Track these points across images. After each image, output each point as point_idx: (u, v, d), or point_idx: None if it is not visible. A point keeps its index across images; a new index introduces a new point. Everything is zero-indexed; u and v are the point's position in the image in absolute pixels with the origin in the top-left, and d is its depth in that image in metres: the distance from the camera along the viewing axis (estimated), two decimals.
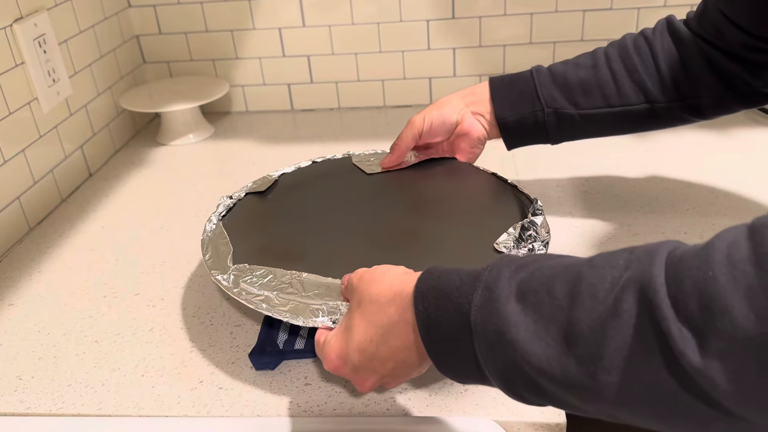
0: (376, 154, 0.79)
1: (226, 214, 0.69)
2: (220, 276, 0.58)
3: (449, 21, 1.07)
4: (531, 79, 0.71)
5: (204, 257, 0.62)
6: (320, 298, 0.54)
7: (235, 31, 1.11)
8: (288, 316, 0.53)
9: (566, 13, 1.06)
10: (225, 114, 1.17)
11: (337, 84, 1.14)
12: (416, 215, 0.66)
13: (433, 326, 0.40)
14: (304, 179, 0.75)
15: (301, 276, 0.57)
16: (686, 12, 1.03)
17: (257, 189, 0.73)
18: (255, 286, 0.57)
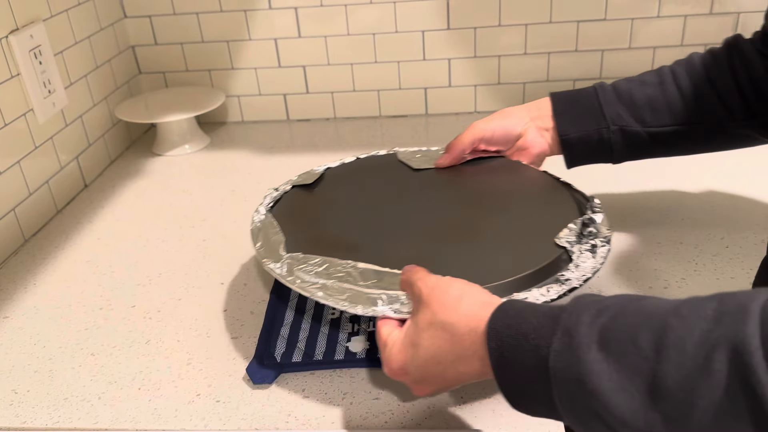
0: (422, 151, 0.79)
1: (274, 205, 0.70)
2: (272, 264, 0.58)
3: (444, 32, 1.08)
4: (595, 96, 0.70)
5: (255, 246, 0.62)
6: (378, 288, 0.54)
7: (231, 41, 1.11)
8: (346, 305, 0.53)
9: (560, 24, 1.06)
10: (221, 124, 1.17)
11: (332, 94, 1.14)
12: (468, 210, 0.66)
13: (508, 366, 0.40)
14: (349, 173, 0.75)
15: (357, 266, 0.57)
16: (680, 22, 1.03)
17: (303, 182, 0.73)
18: (310, 274, 0.56)
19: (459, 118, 1.13)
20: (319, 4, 1.07)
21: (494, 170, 0.73)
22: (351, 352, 0.60)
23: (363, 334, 0.62)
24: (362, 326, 0.63)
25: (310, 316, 0.65)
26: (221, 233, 0.82)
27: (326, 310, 0.65)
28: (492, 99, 1.13)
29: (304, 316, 0.65)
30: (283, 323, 0.64)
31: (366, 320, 0.64)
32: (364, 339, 0.61)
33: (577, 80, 1.10)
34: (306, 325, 0.63)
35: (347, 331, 0.62)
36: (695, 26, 1.05)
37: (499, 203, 0.67)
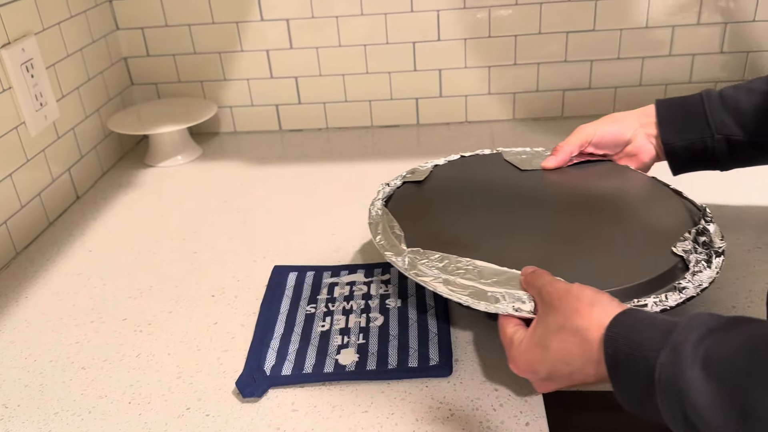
0: (527, 151, 0.81)
1: (388, 200, 0.72)
2: (395, 258, 0.61)
3: (435, 43, 1.09)
4: (700, 104, 0.70)
5: (375, 239, 0.65)
6: (500, 286, 0.56)
7: (223, 53, 1.11)
8: (469, 301, 0.55)
9: (551, 34, 1.07)
10: (213, 135, 1.17)
11: (324, 105, 1.15)
12: (580, 213, 0.67)
13: (621, 372, 0.43)
14: (457, 172, 0.77)
15: (475, 263, 0.59)
16: (667, 34, 1.04)
17: (415, 178, 0.75)
18: (431, 269, 0.59)
19: (450, 128, 1.14)
20: (310, 15, 1.07)
21: (602, 174, 0.74)
22: (340, 365, 0.60)
23: (352, 347, 0.62)
24: (351, 338, 0.63)
25: (300, 328, 0.65)
26: (212, 245, 0.83)
27: (315, 323, 0.66)
28: (482, 109, 1.14)
29: (294, 329, 0.65)
30: (273, 336, 0.64)
31: (356, 332, 0.64)
32: (353, 351, 0.62)
33: (567, 90, 1.11)
34: (296, 338, 0.64)
35: (337, 344, 0.63)
36: (684, 36, 1.06)
37: (610, 208, 0.68)
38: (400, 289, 0.70)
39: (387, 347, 0.62)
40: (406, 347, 0.62)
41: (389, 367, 0.60)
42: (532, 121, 1.14)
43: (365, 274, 0.74)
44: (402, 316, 0.66)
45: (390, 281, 0.72)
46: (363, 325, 0.65)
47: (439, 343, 0.62)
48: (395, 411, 0.56)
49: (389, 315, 0.66)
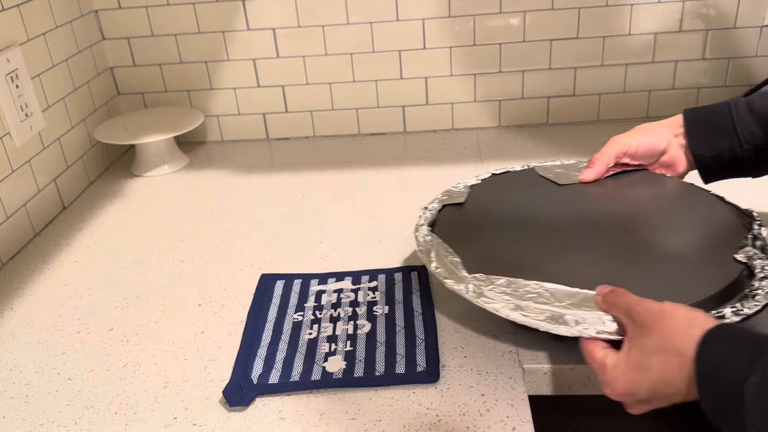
0: (560, 165, 0.80)
1: (433, 225, 0.71)
2: (457, 285, 0.60)
3: (421, 51, 1.09)
4: (728, 114, 0.70)
5: (430, 267, 0.63)
6: (576, 308, 0.55)
7: (210, 62, 1.12)
8: (547, 326, 0.54)
9: (534, 42, 1.08)
10: (200, 144, 1.17)
11: (311, 113, 1.15)
12: (632, 225, 0.67)
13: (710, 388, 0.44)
14: (495, 190, 0.77)
15: (545, 286, 0.57)
16: (650, 41, 1.05)
17: (454, 200, 0.74)
18: (499, 295, 0.57)
19: (437, 135, 1.14)
20: (296, 24, 1.08)
21: (641, 184, 0.74)
22: (328, 373, 0.60)
23: (340, 354, 0.62)
24: (339, 346, 0.64)
25: (287, 336, 0.65)
26: (199, 254, 0.82)
27: (303, 331, 0.66)
28: (468, 116, 1.14)
29: (281, 337, 0.65)
30: (260, 344, 0.64)
31: (343, 339, 0.64)
32: (340, 359, 0.62)
33: (551, 97, 1.12)
34: (283, 346, 0.64)
35: (324, 351, 0.63)
36: (666, 43, 1.07)
37: (659, 218, 0.68)
38: (388, 296, 0.71)
39: (374, 354, 0.62)
40: (394, 354, 0.62)
41: (376, 373, 0.60)
42: (517, 128, 1.15)
43: (353, 281, 0.74)
44: (389, 323, 0.66)
45: (377, 288, 0.72)
46: (350, 333, 0.65)
47: (427, 350, 0.62)
48: (383, 418, 0.56)
49: (376, 322, 0.67)
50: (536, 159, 1.01)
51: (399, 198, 0.93)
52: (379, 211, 0.90)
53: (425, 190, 0.94)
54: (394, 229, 0.85)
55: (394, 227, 0.85)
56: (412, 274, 0.75)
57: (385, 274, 0.75)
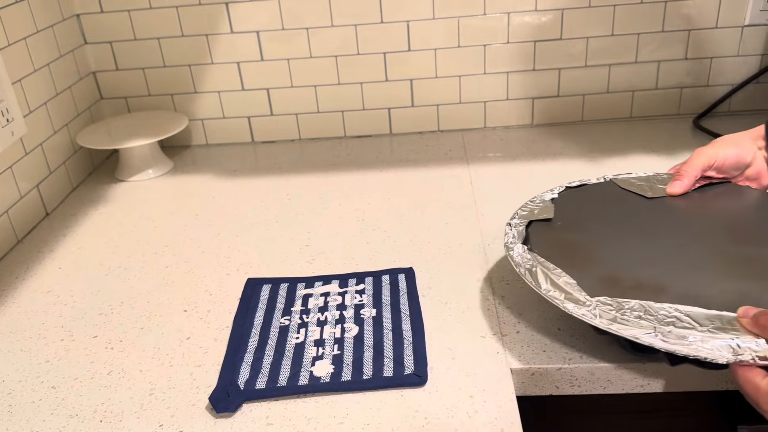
0: (641, 176, 0.78)
1: (526, 242, 0.67)
2: (581, 310, 0.56)
3: (405, 53, 1.09)
4: None
5: (540, 290, 0.60)
6: (725, 332, 0.52)
7: (193, 65, 1.11)
8: (704, 352, 0.51)
9: (518, 44, 1.09)
10: (185, 148, 1.16)
11: (297, 116, 1.15)
12: (739, 238, 0.65)
13: None
14: (578, 204, 0.73)
15: (678, 308, 0.55)
16: (633, 41, 1.05)
17: (541, 216, 0.71)
18: (635, 320, 0.55)
19: (423, 137, 1.14)
20: (280, 27, 1.07)
21: (728, 196, 0.73)
22: (315, 377, 0.60)
23: (327, 358, 0.62)
24: (326, 350, 0.63)
25: (274, 341, 0.65)
26: (184, 259, 0.82)
27: (290, 335, 0.65)
28: (454, 118, 1.15)
29: (268, 342, 0.65)
30: (246, 349, 0.64)
31: (331, 343, 0.64)
32: (328, 363, 0.62)
33: (536, 98, 1.13)
34: (270, 351, 0.63)
35: (312, 356, 0.63)
36: (649, 43, 1.08)
37: (761, 230, 0.66)
38: (375, 298, 0.71)
39: (362, 357, 0.62)
40: (381, 357, 0.62)
41: (364, 377, 0.60)
42: (503, 129, 1.15)
43: (340, 284, 0.74)
44: (377, 326, 0.66)
45: (364, 291, 0.72)
46: (338, 336, 0.65)
47: (414, 352, 0.62)
48: (371, 421, 0.56)
49: (364, 325, 0.66)
50: (524, 160, 1.01)
51: (385, 200, 0.93)
52: (366, 213, 0.90)
53: (411, 192, 0.95)
54: (381, 231, 0.85)
55: (380, 229, 0.85)
56: (399, 276, 0.75)
57: (372, 276, 0.75)
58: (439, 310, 0.69)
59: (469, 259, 0.78)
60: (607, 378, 0.61)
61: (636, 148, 1.02)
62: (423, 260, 0.78)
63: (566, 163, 0.99)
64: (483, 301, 0.70)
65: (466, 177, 0.98)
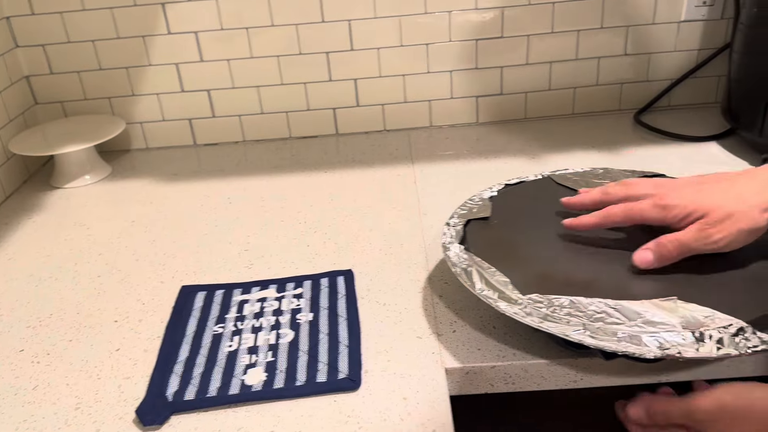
0: (577, 172, 0.78)
1: (463, 242, 0.66)
2: (513, 309, 0.56)
3: (349, 53, 1.08)
4: None
5: (474, 290, 0.59)
6: (653, 326, 0.52)
7: (130, 67, 1.08)
8: (633, 348, 0.51)
9: (461, 42, 1.09)
10: (124, 152, 1.14)
11: (240, 117, 1.13)
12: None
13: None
14: (517, 202, 0.73)
15: (609, 303, 0.55)
16: (573, 38, 1.06)
17: (479, 215, 0.71)
18: (565, 317, 0.54)
19: (369, 137, 1.14)
20: (219, 27, 1.05)
21: None
22: (246, 386, 0.59)
23: (260, 366, 0.61)
24: (260, 357, 0.62)
25: (206, 350, 0.63)
26: (117, 268, 0.80)
27: (223, 343, 0.64)
28: (400, 117, 1.14)
29: (200, 351, 0.63)
30: (177, 360, 0.62)
31: (265, 350, 0.63)
32: (261, 370, 0.60)
33: (480, 96, 1.13)
34: (201, 360, 0.62)
35: (244, 364, 0.61)
36: (587, 39, 1.09)
37: None
38: (313, 302, 0.70)
39: (296, 363, 0.61)
40: (316, 362, 0.61)
41: (297, 383, 0.59)
42: (449, 128, 1.15)
43: (277, 289, 0.72)
44: (313, 330, 0.65)
45: (302, 295, 0.71)
46: (272, 342, 0.64)
47: (350, 356, 0.62)
48: (302, 429, 0.55)
49: (300, 330, 0.65)
50: (469, 158, 1.01)
51: (329, 202, 0.92)
52: (308, 216, 0.89)
53: (355, 193, 0.94)
54: (322, 233, 0.84)
55: (322, 232, 0.84)
56: (338, 278, 0.74)
57: (311, 280, 0.74)
58: (377, 311, 0.69)
59: (410, 260, 0.77)
60: (541, 374, 0.61)
61: (578, 144, 1.03)
62: (364, 262, 0.77)
63: (510, 161, 1.00)
64: (422, 301, 0.70)
65: (410, 176, 0.98)
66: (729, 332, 0.51)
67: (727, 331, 0.51)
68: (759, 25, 0.91)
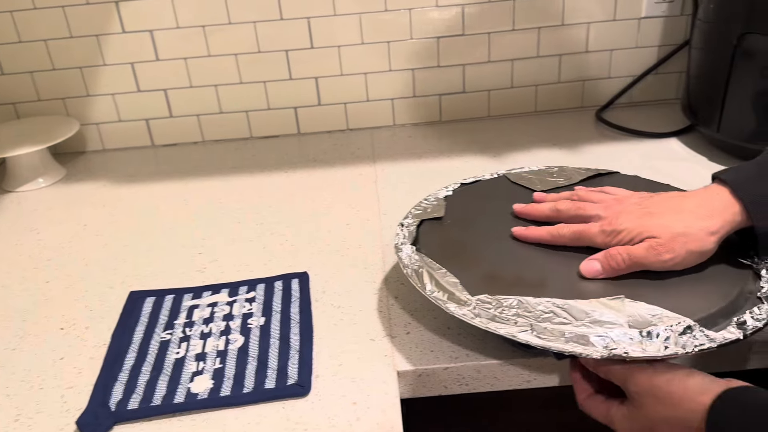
0: (532, 170, 0.78)
1: (415, 243, 0.65)
2: (461, 310, 0.55)
3: (308, 51, 1.07)
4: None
5: (425, 291, 0.59)
6: (600, 326, 0.52)
7: (85, 67, 1.05)
8: (580, 348, 0.50)
9: (421, 40, 1.08)
10: (79, 154, 1.11)
11: (198, 117, 1.11)
12: None
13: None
14: (472, 201, 0.72)
15: (557, 303, 0.54)
16: (534, 36, 1.04)
17: (433, 215, 0.70)
18: (513, 317, 0.54)
19: (332, 136, 1.12)
20: (175, 26, 1.03)
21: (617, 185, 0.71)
22: (192, 394, 0.57)
23: (207, 373, 0.59)
24: (207, 364, 0.60)
25: (153, 357, 0.62)
26: (66, 273, 0.77)
27: (170, 350, 0.62)
28: (363, 116, 1.13)
29: (146, 359, 0.61)
30: (122, 368, 0.60)
31: (213, 357, 0.61)
32: (208, 377, 0.59)
33: (443, 95, 1.12)
34: (147, 368, 0.60)
35: (191, 371, 0.60)
36: (548, 36, 1.09)
37: None
38: (265, 306, 0.68)
39: (245, 370, 0.60)
40: (265, 368, 0.60)
41: (245, 390, 0.57)
42: (412, 126, 1.14)
43: (229, 293, 0.71)
44: (264, 335, 0.64)
45: (255, 299, 0.69)
46: (221, 349, 0.62)
47: (300, 361, 0.60)
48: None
49: (250, 335, 0.64)
50: (431, 157, 1.00)
51: (288, 203, 0.91)
52: (266, 217, 0.87)
53: (315, 193, 0.92)
54: (279, 235, 0.83)
55: (279, 233, 0.83)
56: (293, 281, 0.72)
57: (265, 283, 0.72)
58: (331, 314, 0.67)
59: (366, 261, 0.76)
60: (494, 375, 0.60)
61: (540, 142, 1.03)
62: (320, 264, 0.76)
63: (472, 160, 0.99)
64: (377, 303, 0.69)
65: (371, 176, 0.97)
66: (676, 331, 0.51)
67: (674, 330, 0.51)
68: (716, 21, 0.92)
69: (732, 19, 0.88)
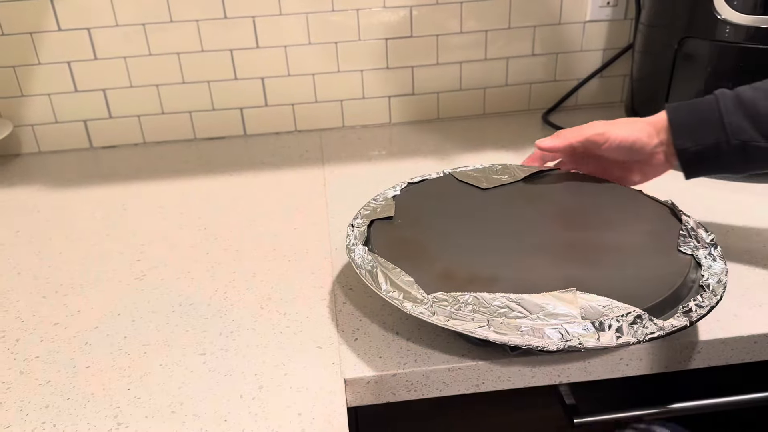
0: (477, 168, 0.78)
1: (367, 243, 0.64)
2: (418, 309, 0.55)
3: (254, 50, 1.05)
4: (716, 106, 0.65)
5: (381, 291, 0.58)
6: (554, 318, 0.52)
7: (18, 66, 1.01)
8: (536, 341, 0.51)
9: (369, 41, 1.07)
10: (14, 157, 1.06)
11: (139, 118, 1.07)
12: (566, 225, 0.66)
13: None
14: (420, 200, 0.72)
15: (511, 297, 0.54)
16: (482, 38, 1.06)
17: (383, 215, 0.69)
18: (468, 313, 0.53)
19: (279, 138, 1.10)
20: (113, 24, 1.00)
21: (563, 184, 0.74)
22: None
23: None
24: None
25: None
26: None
27: None
28: (312, 117, 1.11)
29: None
30: None
31: None
32: None
33: (392, 96, 1.11)
34: None
35: None
36: (495, 39, 1.10)
37: (594, 215, 0.68)
38: None
39: None
40: None
41: None
42: (361, 128, 1.13)
43: None
44: None
45: None
46: None
47: None
48: None
49: None
50: (379, 159, 0.99)
51: (233, 207, 0.88)
52: (209, 221, 0.85)
53: (262, 196, 0.90)
54: (223, 240, 0.80)
55: (223, 238, 0.80)
56: None
57: None
58: (276, 322, 0.66)
59: (314, 266, 0.75)
60: (443, 380, 0.59)
61: (488, 144, 1.03)
62: (265, 269, 0.74)
63: (422, 162, 0.99)
64: (324, 309, 0.67)
65: (320, 179, 0.95)
66: (627, 320, 0.52)
67: (625, 320, 0.52)
68: (658, 25, 0.94)
69: (673, 23, 0.90)
